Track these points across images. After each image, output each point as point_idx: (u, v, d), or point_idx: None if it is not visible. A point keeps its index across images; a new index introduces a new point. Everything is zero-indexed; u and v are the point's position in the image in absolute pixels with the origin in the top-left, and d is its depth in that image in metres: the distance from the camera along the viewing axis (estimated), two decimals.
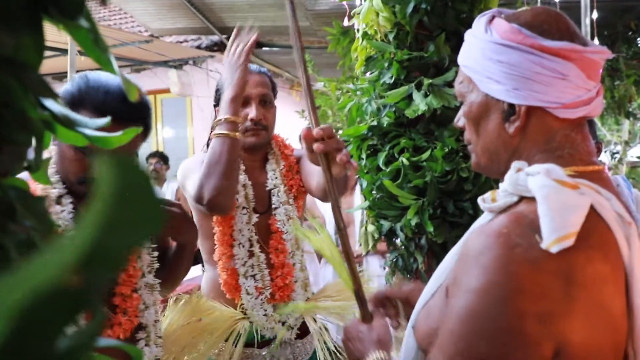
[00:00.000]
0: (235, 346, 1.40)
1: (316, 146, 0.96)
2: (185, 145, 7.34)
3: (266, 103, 1.48)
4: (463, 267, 0.67)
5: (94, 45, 0.42)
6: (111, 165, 0.15)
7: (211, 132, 1.56)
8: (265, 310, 1.43)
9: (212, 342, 1.37)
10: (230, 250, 1.44)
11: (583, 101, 0.73)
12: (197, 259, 4.32)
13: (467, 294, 0.64)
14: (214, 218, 1.46)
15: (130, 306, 1.15)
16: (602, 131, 6.76)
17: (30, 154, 0.44)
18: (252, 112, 1.44)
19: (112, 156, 0.16)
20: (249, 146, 1.48)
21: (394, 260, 2.05)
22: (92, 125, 0.48)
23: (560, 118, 0.74)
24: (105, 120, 0.50)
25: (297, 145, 1.71)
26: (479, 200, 0.78)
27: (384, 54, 1.99)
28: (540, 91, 0.72)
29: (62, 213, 1.08)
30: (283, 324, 1.47)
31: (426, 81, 1.83)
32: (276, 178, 1.50)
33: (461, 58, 0.81)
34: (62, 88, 1.12)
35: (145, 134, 1.15)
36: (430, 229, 1.80)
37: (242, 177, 1.47)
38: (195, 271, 2.96)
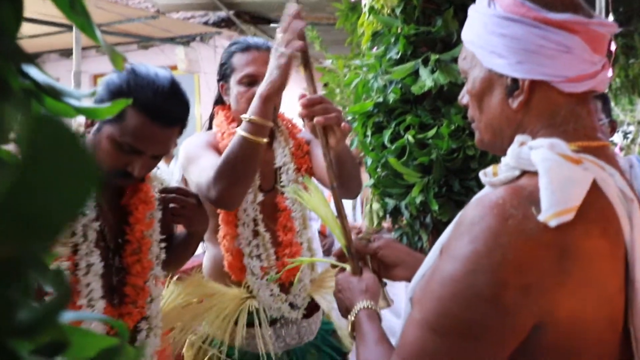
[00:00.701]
0: (239, 325, 1.39)
1: (317, 119, 0.96)
2: (193, 123, 7.33)
3: None
4: (455, 233, 0.68)
5: (70, 9, 0.40)
6: (31, 124, 0.14)
7: (213, 111, 1.52)
8: (272, 290, 1.41)
9: (219, 322, 1.36)
10: (234, 230, 1.41)
11: (588, 75, 0.72)
12: None
13: (453, 259, 0.66)
14: None
15: (141, 298, 1.16)
16: (615, 111, 6.65)
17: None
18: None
19: (33, 115, 0.14)
20: None
21: (399, 238, 2.04)
22: (77, 95, 0.46)
23: (564, 92, 0.72)
24: (91, 91, 0.48)
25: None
26: (481, 174, 0.77)
27: (390, 28, 1.94)
28: (544, 65, 0.71)
29: None
30: (290, 304, 1.46)
31: (433, 57, 1.79)
32: (285, 156, 1.46)
33: (464, 34, 0.80)
34: (105, 77, 1.08)
35: (180, 132, 1.13)
36: (435, 207, 1.78)
37: None
38: (201, 247, 2.97)
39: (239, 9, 5.83)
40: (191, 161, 1.36)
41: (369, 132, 1.96)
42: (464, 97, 0.83)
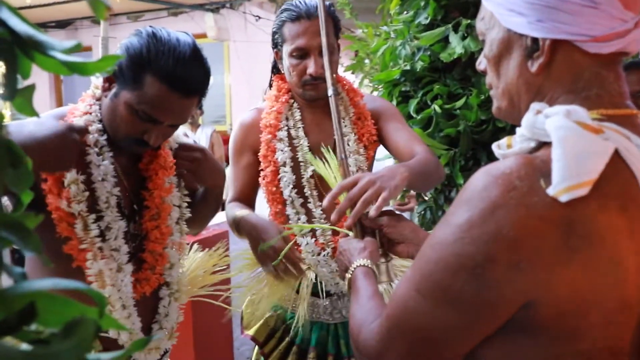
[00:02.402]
0: (302, 295, 1.37)
1: (346, 224, 1.01)
2: (222, 92, 7.32)
3: (327, 52, 1.32)
4: (457, 199, 0.65)
5: None
6: None
7: (271, 80, 1.46)
8: (330, 266, 1.37)
9: (278, 287, 1.35)
10: (284, 208, 1.36)
11: (617, 33, 0.64)
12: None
13: (447, 224, 0.64)
14: (262, 174, 1.38)
15: (160, 264, 1.14)
16: None
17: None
18: (310, 66, 1.29)
19: None
20: (309, 98, 1.36)
21: (422, 212, 1.98)
22: (60, 47, 0.42)
23: (589, 53, 0.66)
24: (73, 43, 0.43)
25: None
26: (494, 146, 0.73)
27: None
28: (567, 22, 0.64)
29: (102, 162, 1.05)
30: None
31: (464, 22, 1.69)
32: (345, 127, 1.39)
33: None
34: (125, 40, 1.02)
35: (200, 101, 1.09)
36: (461, 181, 1.71)
37: (296, 131, 1.38)
38: (221, 217, 2.98)
39: None
40: (230, 161, 1.44)
41: (394, 102, 1.88)
42: (481, 63, 0.77)
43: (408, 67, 1.86)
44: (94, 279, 1.02)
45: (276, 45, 1.37)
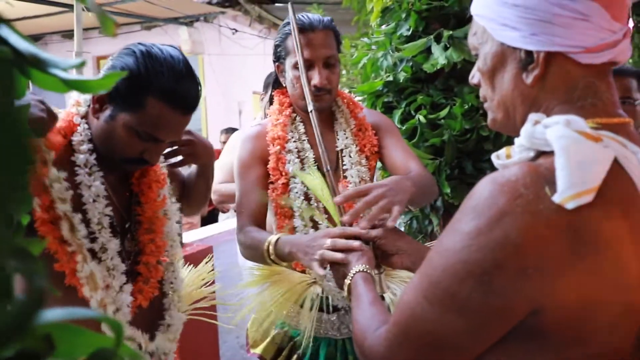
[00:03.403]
0: (305, 309, 1.35)
1: (361, 226, 1.03)
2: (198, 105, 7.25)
3: (330, 65, 1.32)
4: (463, 206, 0.66)
5: None
6: None
7: (272, 94, 1.45)
8: None
9: (284, 303, 1.33)
10: (291, 222, 1.36)
11: (607, 44, 0.68)
12: (212, 218, 4.31)
13: (454, 231, 0.65)
14: (271, 187, 1.36)
15: (154, 276, 1.13)
16: None
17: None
18: (315, 77, 1.30)
19: None
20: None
21: (408, 222, 1.99)
22: (64, 65, 0.40)
23: (582, 64, 0.68)
24: (78, 61, 0.42)
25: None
26: (493, 157, 0.74)
27: (401, 4, 1.87)
28: (561, 35, 0.67)
29: (93, 182, 1.03)
30: None
31: (446, 33, 1.72)
32: (347, 138, 1.39)
33: (474, 7, 0.76)
34: (117, 60, 0.99)
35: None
36: (447, 190, 1.72)
37: (301, 144, 1.38)
38: (207, 231, 2.94)
39: None
40: (237, 178, 1.40)
41: None
42: (474, 77, 0.79)
43: (391, 78, 1.88)
44: (85, 281, 0.99)
45: (278, 59, 1.37)
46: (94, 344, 0.37)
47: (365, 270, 0.95)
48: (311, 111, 1.14)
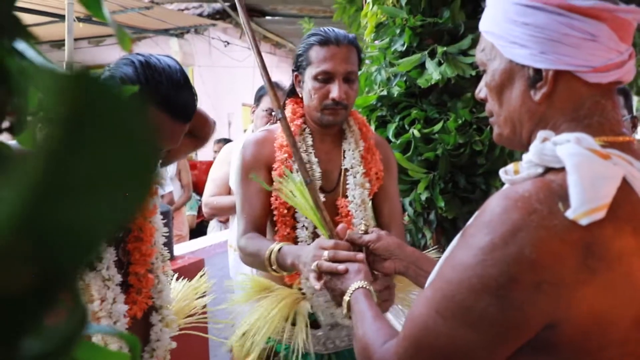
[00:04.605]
0: (297, 326, 1.34)
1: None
2: None
3: (350, 80, 1.31)
4: (476, 221, 0.67)
5: None
6: (66, 81, 0.09)
7: (285, 102, 1.44)
8: (327, 296, 1.34)
9: (271, 319, 1.31)
10: (293, 232, 1.35)
11: (615, 64, 0.70)
12: (201, 230, 4.26)
13: (468, 246, 0.65)
14: (273, 195, 1.35)
15: (145, 286, 1.12)
16: None
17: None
18: (334, 91, 1.29)
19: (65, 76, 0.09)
20: (326, 123, 1.35)
21: None
22: None
23: (589, 83, 0.70)
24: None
25: None
26: (501, 172, 0.75)
27: (395, 20, 1.89)
28: (569, 54, 0.69)
29: None
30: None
31: (440, 49, 1.74)
32: (354, 159, 1.38)
33: (483, 24, 0.78)
34: (115, 69, 0.99)
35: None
36: (441, 204, 1.73)
37: (308, 156, 1.37)
38: (197, 244, 2.92)
39: (234, 0, 5.75)
40: (238, 184, 1.39)
41: (372, 126, 1.90)
42: (481, 91, 0.81)
43: (385, 93, 1.89)
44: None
45: (298, 68, 1.36)
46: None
47: (364, 286, 0.95)
48: (280, 118, 1.15)
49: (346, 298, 0.95)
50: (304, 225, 1.34)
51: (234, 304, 1.37)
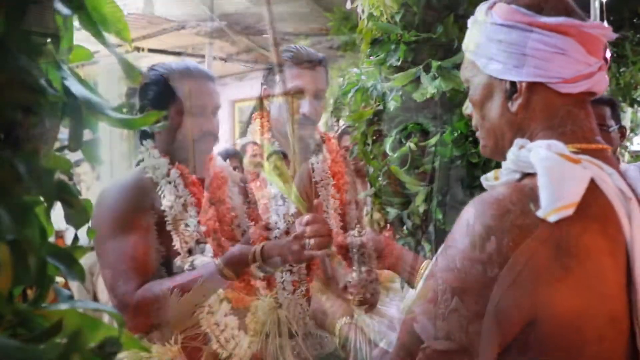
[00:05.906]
0: (271, 336, 1.35)
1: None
2: None
3: (319, 98, 1.41)
4: (456, 227, 0.72)
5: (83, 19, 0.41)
6: None
7: (250, 117, 1.50)
8: (301, 305, 1.36)
9: (256, 330, 1.33)
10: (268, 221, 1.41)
11: (583, 75, 0.75)
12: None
13: (450, 250, 0.70)
14: (249, 208, 1.41)
15: None
16: None
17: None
18: (305, 106, 1.39)
19: None
20: (295, 137, 1.40)
21: None
22: (108, 107, 0.46)
23: (562, 93, 0.76)
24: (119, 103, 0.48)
25: None
26: (482, 178, 0.82)
27: (390, 35, 1.92)
28: (540, 67, 0.75)
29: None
30: None
31: (434, 63, 1.77)
32: (323, 172, 1.45)
33: (465, 44, 0.85)
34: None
35: None
36: (439, 216, 1.75)
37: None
38: None
39: (231, 20, 5.84)
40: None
41: (369, 141, 1.92)
42: (467, 108, 0.88)
43: (381, 107, 1.91)
44: None
45: (268, 82, 1.42)
46: (99, 330, 0.42)
47: (350, 322, 1.02)
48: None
49: (337, 336, 1.02)
50: (276, 237, 1.36)
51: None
